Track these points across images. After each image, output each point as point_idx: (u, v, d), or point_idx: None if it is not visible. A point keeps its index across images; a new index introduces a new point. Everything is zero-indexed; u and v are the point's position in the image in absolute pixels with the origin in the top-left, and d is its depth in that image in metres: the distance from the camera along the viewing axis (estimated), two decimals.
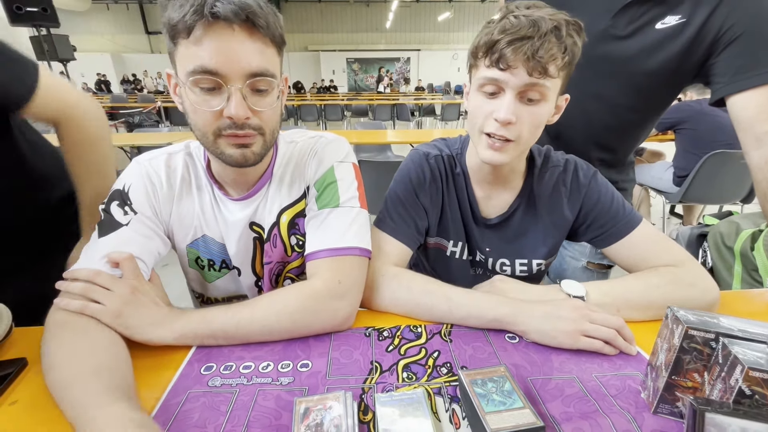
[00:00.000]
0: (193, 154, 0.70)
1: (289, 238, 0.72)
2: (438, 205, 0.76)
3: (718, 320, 0.42)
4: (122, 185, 0.65)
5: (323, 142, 0.72)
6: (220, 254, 0.72)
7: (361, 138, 3.16)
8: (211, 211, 0.69)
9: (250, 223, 0.70)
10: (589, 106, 0.87)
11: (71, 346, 0.49)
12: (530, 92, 0.58)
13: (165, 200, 0.67)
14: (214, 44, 0.51)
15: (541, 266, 0.77)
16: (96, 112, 0.79)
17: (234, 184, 0.69)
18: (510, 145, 0.61)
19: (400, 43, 17.62)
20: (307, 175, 0.70)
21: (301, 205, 0.71)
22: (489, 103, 0.61)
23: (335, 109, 7.47)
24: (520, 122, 0.59)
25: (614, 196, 0.71)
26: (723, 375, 0.38)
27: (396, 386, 0.50)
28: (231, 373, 0.52)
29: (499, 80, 0.58)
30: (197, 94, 0.54)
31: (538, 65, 0.55)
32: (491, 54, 0.57)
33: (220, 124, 0.55)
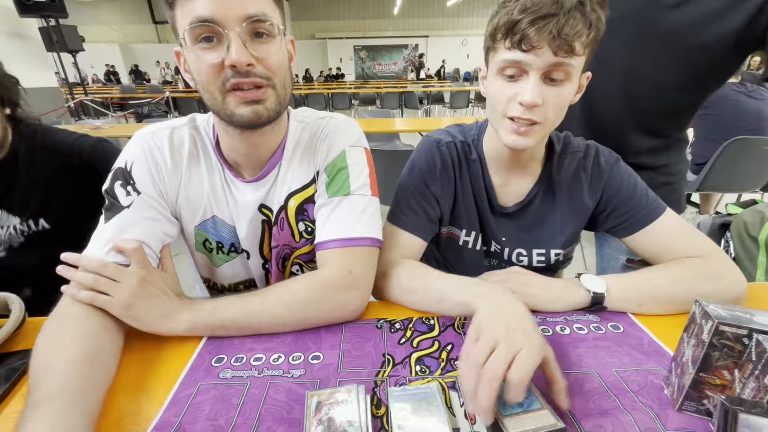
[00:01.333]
0: (200, 128, 0.67)
1: (297, 224, 0.70)
2: (450, 193, 0.74)
3: (750, 315, 0.40)
4: (124, 163, 0.62)
5: (334, 123, 0.69)
6: (229, 237, 0.70)
7: (368, 127, 3.13)
8: (222, 192, 0.67)
9: (260, 206, 0.68)
10: (635, 87, 0.80)
11: (47, 338, 0.49)
12: (555, 72, 0.55)
13: (171, 178, 0.64)
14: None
15: (559, 256, 0.75)
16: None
17: (245, 163, 0.66)
18: (536, 127, 0.58)
19: (408, 30, 17.30)
20: (318, 160, 0.68)
21: (310, 190, 0.69)
22: (511, 86, 0.58)
23: (343, 98, 7.40)
24: (546, 104, 0.56)
25: (637, 183, 0.69)
26: (757, 373, 0.36)
27: (409, 380, 0.49)
28: (242, 365, 0.52)
29: (522, 62, 0.55)
30: (198, 51, 0.52)
31: (564, 44, 0.52)
32: (512, 35, 0.54)
33: (223, 76, 0.53)
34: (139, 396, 0.47)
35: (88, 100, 5.49)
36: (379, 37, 17.20)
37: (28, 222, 0.83)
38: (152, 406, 0.45)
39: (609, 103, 0.78)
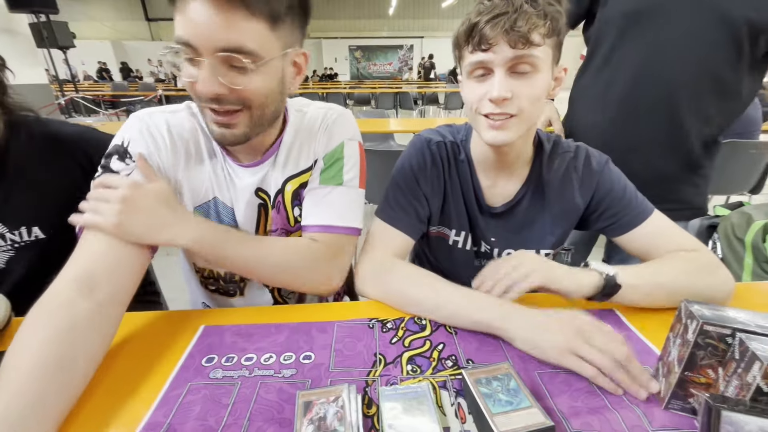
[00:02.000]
0: (197, 115, 0.67)
1: (293, 209, 0.72)
2: (440, 192, 0.74)
3: (733, 315, 0.41)
4: (121, 140, 0.60)
5: (333, 114, 0.71)
6: (228, 219, 0.70)
7: (363, 127, 3.12)
8: (222, 174, 0.67)
9: (257, 189, 0.69)
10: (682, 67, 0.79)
11: (18, 339, 0.44)
12: (519, 65, 0.57)
13: (169, 157, 0.62)
14: (191, 14, 0.49)
15: (549, 256, 0.76)
16: None
17: (241, 150, 0.67)
18: (512, 120, 0.59)
19: (404, 30, 17.33)
20: (317, 148, 0.70)
21: (307, 176, 0.71)
22: (480, 86, 0.60)
23: (337, 98, 7.39)
24: (517, 96, 0.58)
25: (627, 185, 0.70)
26: (739, 371, 0.36)
27: (400, 379, 0.49)
28: (233, 365, 0.51)
29: (485, 61, 0.58)
30: (182, 62, 0.53)
31: (519, 36, 0.54)
32: (472, 38, 0.57)
33: (197, 94, 0.54)
34: (127, 396, 0.47)
35: (79, 98, 5.43)
36: (375, 37, 17.21)
37: (19, 231, 0.72)
38: (141, 406, 0.45)
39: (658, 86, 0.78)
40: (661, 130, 0.86)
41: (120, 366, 0.51)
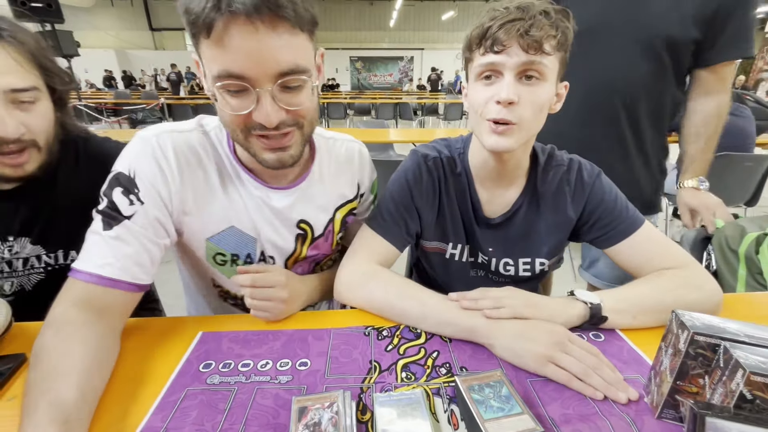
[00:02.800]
0: (210, 134, 0.65)
1: (338, 234, 0.79)
2: (434, 207, 0.75)
3: (724, 325, 0.42)
4: (126, 169, 0.58)
5: (359, 146, 0.79)
6: (246, 247, 0.68)
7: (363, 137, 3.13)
8: (240, 198, 0.65)
9: (298, 222, 0.71)
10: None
11: (44, 350, 0.47)
12: (529, 71, 0.58)
13: (176, 187, 0.60)
14: (237, 45, 0.46)
15: (544, 266, 0.77)
16: None
17: (265, 173, 0.66)
18: (513, 128, 0.60)
19: (404, 42, 17.58)
20: (362, 179, 0.78)
21: (354, 203, 0.78)
22: (488, 88, 0.60)
23: (338, 108, 7.46)
24: (522, 103, 0.58)
25: (618, 197, 0.71)
26: (724, 379, 0.37)
27: (395, 386, 0.50)
28: (230, 371, 0.52)
29: (496, 63, 0.58)
30: (224, 94, 0.51)
31: (533, 41, 0.55)
32: (485, 41, 0.58)
33: (249, 124, 0.53)
34: (125, 401, 0.47)
35: (82, 105, 5.47)
36: (375, 48, 17.44)
37: (56, 253, 0.70)
38: (138, 411, 0.46)
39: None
40: (609, 133, 0.98)
41: (119, 371, 0.52)
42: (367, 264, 0.69)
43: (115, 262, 0.55)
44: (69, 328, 0.49)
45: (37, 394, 0.42)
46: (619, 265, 0.71)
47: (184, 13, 0.47)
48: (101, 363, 0.49)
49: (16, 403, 0.47)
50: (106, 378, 0.49)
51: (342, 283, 0.68)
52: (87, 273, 0.54)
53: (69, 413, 0.41)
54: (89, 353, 0.48)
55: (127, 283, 0.56)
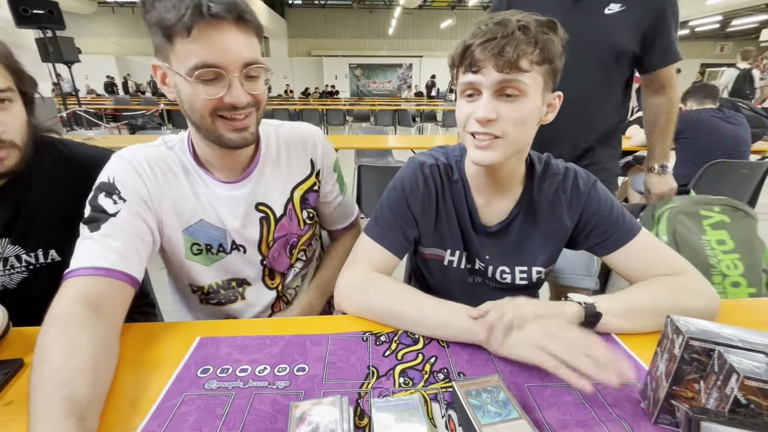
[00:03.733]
0: (174, 148, 0.73)
1: (302, 212, 0.83)
2: (431, 214, 0.76)
3: (719, 330, 0.42)
4: (107, 177, 0.66)
5: (311, 128, 0.85)
6: (217, 238, 0.75)
7: (362, 143, 3.17)
8: (205, 197, 0.73)
9: (256, 204, 0.76)
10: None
11: (54, 343, 0.48)
12: (507, 89, 0.59)
13: (153, 187, 0.68)
14: (213, 41, 0.57)
15: (541, 274, 0.77)
16: None
17: (223, 167, 0.74)
18: (496, 141, 0.61)
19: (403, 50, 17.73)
20: (315, 157, 0.83)
21: (311, 181, 0.84)
22: (469, 105, 0.62)
23: (337, 114, 7.50)
24: (502, 119, 0.60)
25: (614, 205, 0.71)
26: (719, 384, 0.38)
27: (392, 391, 0.50)
28: (227, 376, 0.52)
29: (474, 82, 0.60)
30: (197, 85, 0.59)
31: (506, 61, 0.56)
32: (464, 60, 0.60)
33: (218, 105, 0.62)
34: (122, 406, 0.47)
35: (82, 111, 5.48)
36: (374, 56, 17.58)
37: (35, 253, 0.73)
38: (136, 416, 0.46)
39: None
40: (578, 121, 1.13)
41: (116, 376, 0.52)
42: (366, 272, 0.69)
43: (108, 255, 0.60)
44: (75, 325, 0.51)
45: (50, 390, 0.43)
46: (617, 272, 0.72)
47: (160, 22, 0.57)
48: (108, 361, 0.52)
49: (14, 407, 0.47)
50: (111, 377, 0.51)
51: (341, 292, 0.69)
52: (83, 268, 0.58)
53: (84, 409, 0.42)
54: (97, 351, 0.50)
55: (121, 273, 0.60)
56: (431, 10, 16.83)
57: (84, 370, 0.46)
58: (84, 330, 0.51)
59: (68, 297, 0.55)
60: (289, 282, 0.87)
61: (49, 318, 0.52)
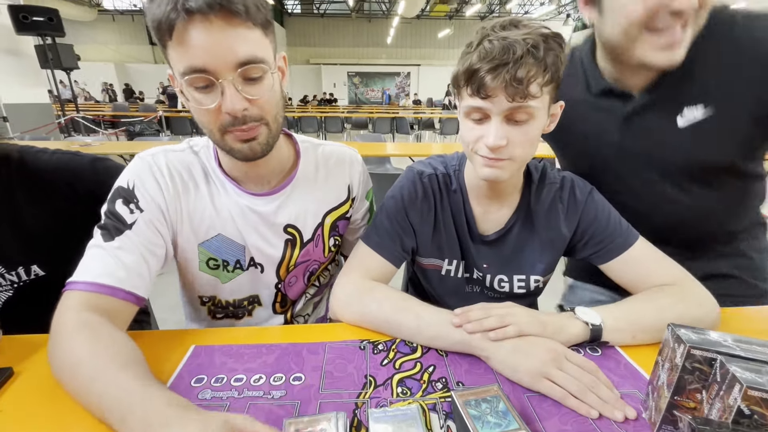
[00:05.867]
0: (199, 153, 0.69)
1: (329, 240, 0.78)
2: (430, 223, 0.75)
3: (720, 339, 0.42)
4: (126, 182, 0.63)
5: (351, 151, 0.80)
6: (234, 254, 0.71)
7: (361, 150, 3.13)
8: (226, 207, 0.68)
9: (285, 226, 0.72)
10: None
11: (94, 343, 0.49)
12: (516, 114, 0.58)
13: (171, 197, 0.65)
14: (196, 40, 0.50)
15: (539, 283, 0.77)
16: None
17: (247, 179, 0.69)
18: (505, 162, 0.61)
19: (401, 58, 17.89)
20: (352, 182, 0.78)
21: (345, 207, 0.78)
22: (478, 128, 0.61)
23: (335, 121, 7.54)
24: (512, 143, 0.59)
25: (611, 213, 0.71)
26: (721, 394, 0.37)
27: (390, 401, 0.49)
28: (222, 385, 0.51)
29: (483, 108, 0.58)
30: (194, 93, 0.54)
31: (518, 90, 0.55)
32: (472, 83, 0.57)
33: (222, 120, 0.56)
34: None
35: (80, 117, 5.49)
36: (373, 64, 17.73)
37: (17, 271, 0.70)
38: None
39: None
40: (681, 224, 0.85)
41: None
42: (363, 280, 0.68)
43: (116, 271, 0.57)
44: (105, 327, 0.51)
45: (131, 376, 0.44)
46: (615, 280, 0.71)
47: (152, 24, 0.51)
48: (140, 353, 0.52)
49: (4, 416, 0.46)
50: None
51: (337, 300, 0.68)
52: (87, 283, 0.55)
53: (154, 379, 0.46)
54: (130, 345, 0.51)
55: (125, 292, 0.57)
56: (429, 20, 17.03)
57: (139, 359, 0.49)
58: (115, 330, 0.52)
59: (73, 308, 0.53)
60: (300, 309, 0.83)
61: (64, 327, 0.50)
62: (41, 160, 0.71)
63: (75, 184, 0.72)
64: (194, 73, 0.52)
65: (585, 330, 0.58)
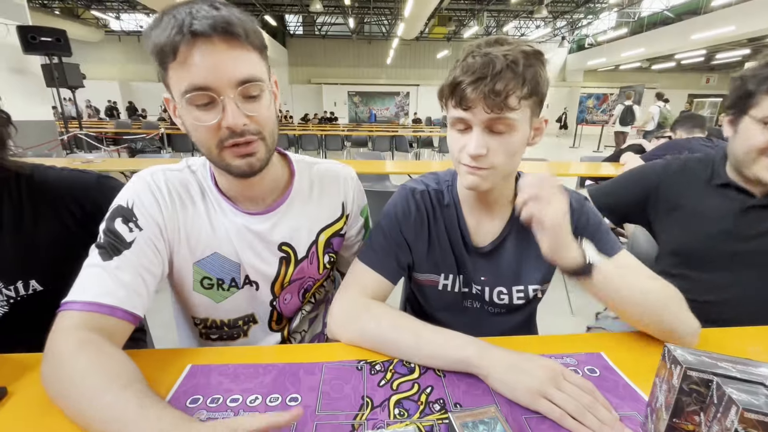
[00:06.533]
0: (196, 172, 0.70)
1: (324, 257, 0.78)
2: (424, 238, 0.76)
3: (716, 360, 0.42)
4: (125, 201, 0.63)
5: (345, 168, 0.81)
6: (230, 272, 0.71)
7: (360, 168, 3.20)
8: (222, 225, 0.69)
9: (279, 244, 0.72)
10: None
11: (99, 360, 0.49)
12: (496, 125, 0.61)
13: (169, 216, 0.65)
14: (200, 60, 0.53)
15: (537, 292, 0.78)
16: None
17: (243, 198, 0.70)
18: (487, 171, 0.64)
19: (400, 79, 18.24)
20: (346, 199, 0.79)
21: (339, 224, 0.79)
22: (461, 138, 0.65)
23: (336, 139, 7.62)
24: (492, 152, 0.62)
25: (601, 221, 0.74)
26: (719, 416, 0.37)
27: (387, 423, 0.48)
28: (218, 406, 0.50)
29: (465, 119, 0.62)
30: (194, 111, 0.56)
31: (496, 102, 0.58)
32: (455, 95, 0.61)
33: (221, 135, 0.58)
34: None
35: (83, 134, 5.54)
36: (373, 84, 18.05)
37: (15, 285, 0.69)
38: None
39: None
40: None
41: None
42: (360, 298, 0.69)
43: (116, 291, 0.57)
44: (107, 345, 0.52)
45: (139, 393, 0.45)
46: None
47: (154, 49, 0.54)
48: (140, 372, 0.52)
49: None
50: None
51: (335, 319, 0.68)
52: (86, 303, 0.55)
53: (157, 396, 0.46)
54: (132, 365, 0.51)
55: (124, 312, 0.57)
56: (428, 41, 17.44)
57: (142, 378, 0.49)
58: (117, 349, 0.52)
59: (70, 328, 0.52)
60: (296, 326, 0.82)
61: (66, 347, 0.50)
62: (50, 176, 0.73)
63: (82, 201, 0.73)
64: (196, 91, 0.54)
65: (581, 258, 0.60)
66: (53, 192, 0.72)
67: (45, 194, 0.72)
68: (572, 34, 16.38)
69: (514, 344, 0.61)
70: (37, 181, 0.72)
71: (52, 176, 0.74)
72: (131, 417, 0.42)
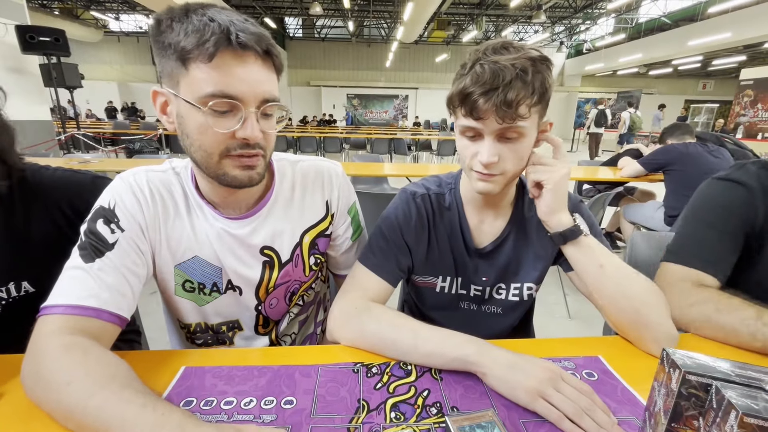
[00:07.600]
0: (180, 174, 0.69)
1: (309, 258, 0.76)
2: (424, 242, 0.77)
3: (714, 364, 0.42)
4: (107, 202, 0.62)
5: (330, 165, 0.78)
6: (211, 276, 0.70)
7: (359, 170, 3.20)
8: (203, 230, 0.67)
9: (261, 248, 0.70)
10: None
11: (87, 362, 0.48)
12: (507, 133, 0.62)
13: (151, 217, 0.64)
14: (236, 71, 0.53)
15: (532, 291, 0.79)
16: None
17: (225, 205, 0.68)
18: (498, 177, 0.66)
19: (399, 82, 18.31)
20: (333, 197, 0.76)
21: (324, 224, 0.76)
22: (472, 145, 0.66)
23: (334, 142, 7.63)
24: (503, 159, 0.64)
25: (594, 224, 0.75)
26: (718, 421, 0.37)
27: (383, 426, 0.48)
28: (211, 408, 0.50)
29: (476, 128, 0.63)
30: (209, 116, 0.54)
31: (507, 112, 0.59)
32: (465, 105, 0.62)
33: (229, 144, 0.57)
34: None
35: (80, 134, 5.52)
36: (372, 87, 18.12)
37: (7, 287, 0.68)
38: None
39: None
40: None
41: None
42: (360, 300, 0.68)
43: (100, 293, 0.56)
44: (96, 346, 0.51)
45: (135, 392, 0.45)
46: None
47: (174, 45, 0.52)
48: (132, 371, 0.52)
49: None
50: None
51: (335, 321, 0.67)
52: (68, 306, 0.53)
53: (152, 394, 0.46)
54: (123, 365, 0.50)
55: (110, 314, 0.56)
56: (427, 45, 17.53)
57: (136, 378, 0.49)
58: (105, 351, 0.51)
59: (54, 332, 0.51)
60: (285, 329, 0.81)
61: (49, 350, 0.49)
62: (43, 176, 0.72)
63: (75, 202, 0.72)
64: (224, 98, 0.54)
65: (572, 222, 0.67)
66: (46, 192, 0.71)
67: (38, 194, 0.70)
68: (570, 39, 16.51)
69: (512, 347, 0.60)
70: (30, 181, 0.70)
71: (46, 176, 0.72)
72: (131, 416, 0.42)
